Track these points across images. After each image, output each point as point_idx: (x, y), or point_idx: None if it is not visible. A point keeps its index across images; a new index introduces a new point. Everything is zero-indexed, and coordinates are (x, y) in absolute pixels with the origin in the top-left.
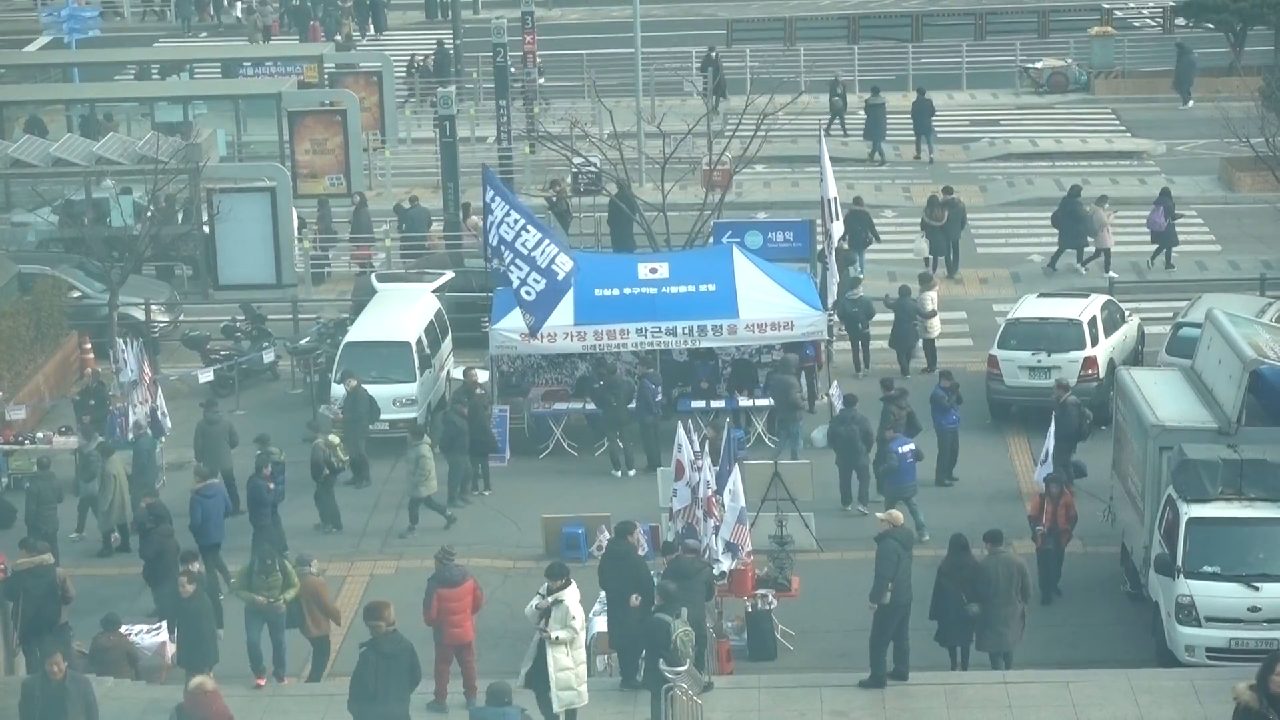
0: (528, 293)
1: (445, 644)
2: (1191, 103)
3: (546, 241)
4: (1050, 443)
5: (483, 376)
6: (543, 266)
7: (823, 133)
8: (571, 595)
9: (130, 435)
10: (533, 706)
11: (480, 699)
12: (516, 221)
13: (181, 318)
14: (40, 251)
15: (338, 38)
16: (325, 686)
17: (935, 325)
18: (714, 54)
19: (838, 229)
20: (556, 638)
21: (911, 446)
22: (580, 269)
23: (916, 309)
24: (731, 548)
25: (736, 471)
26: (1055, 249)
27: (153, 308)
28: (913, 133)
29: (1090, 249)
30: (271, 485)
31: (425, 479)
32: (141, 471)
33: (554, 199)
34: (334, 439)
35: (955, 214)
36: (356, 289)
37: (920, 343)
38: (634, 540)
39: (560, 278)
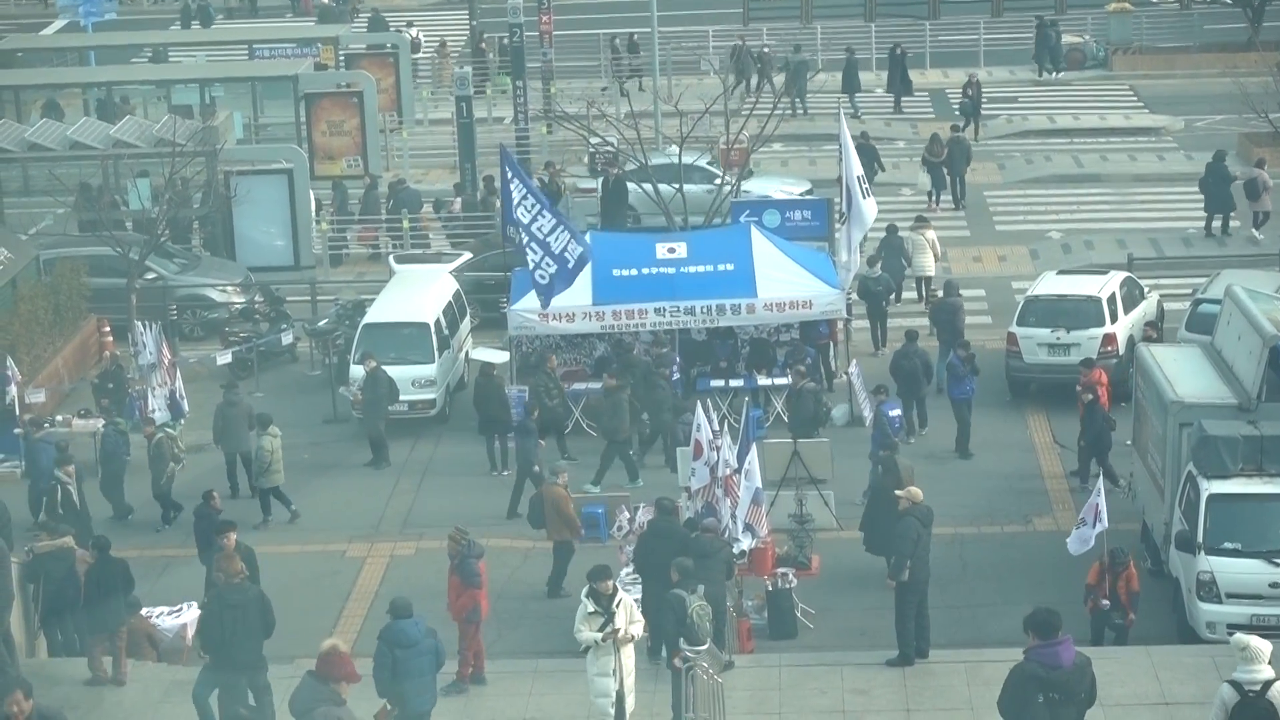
0: (541, 276)
1: (481, 619)
2: (1058, 74)
3: (561, 228)
4: (1099, 498)
5: (501, 357)
6: (555, 252)
7: (842, 112)
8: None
9: (149, 418)
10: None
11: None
12: (533, 205)
13: (258, 299)
14: (66, 235)
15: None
16: None
17: (929, 264)
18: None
19: (871, 207)
20: (632, 635)
21: (900, 411)
22: (598, 249)
23: (900, 247)
24: (749, 527)
25: (753, 452)
26: (1206, 216)
27: (227, 288)
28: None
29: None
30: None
31: (268, 470)
32: (41, 475)
33: (546, 179)
34: (173, 430)
35: (960, 151)
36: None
37: (915, 281)
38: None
39: (570, 265)
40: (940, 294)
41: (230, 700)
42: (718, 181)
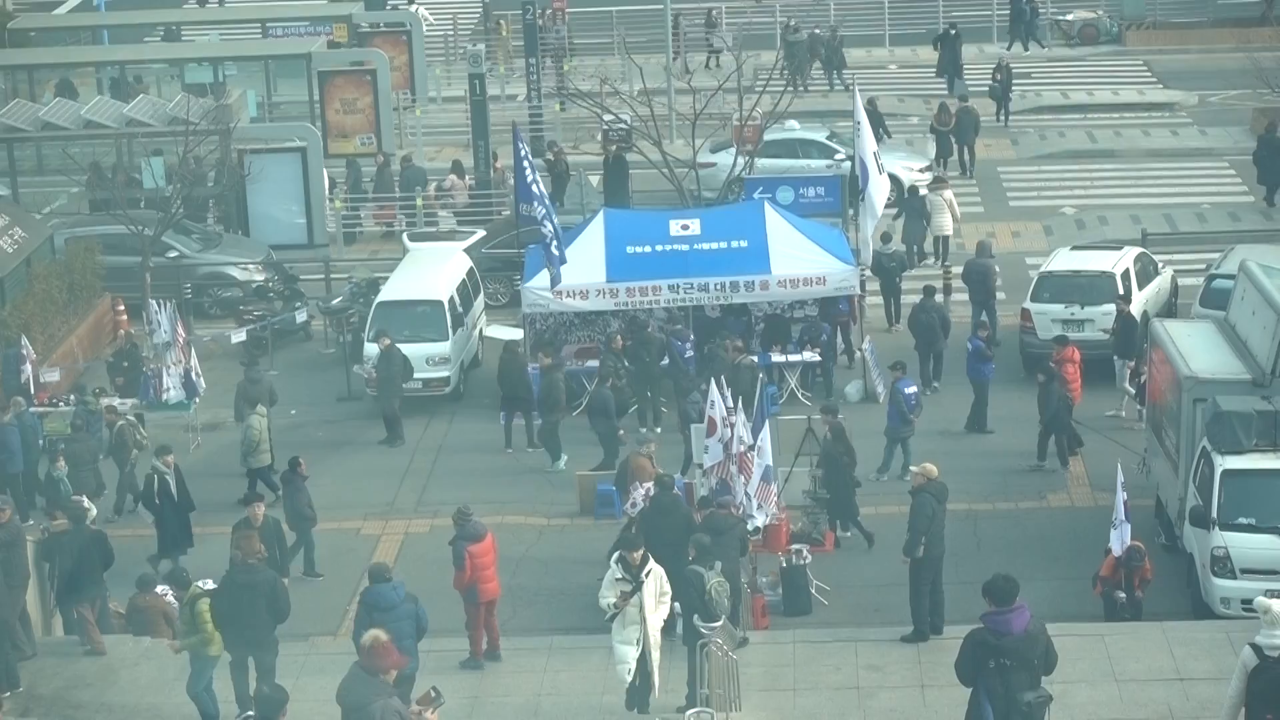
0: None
1: (481, 601)
2: (1027, 49)
3: (547, 219)
4: (1122, 495)
5: (516, 334)
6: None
7: (856, 89)
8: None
9: (164, 397)
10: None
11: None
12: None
13: (272, 277)
14: (85, 214)
15: None
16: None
17: (946, 224)
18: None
19: (884, 184)
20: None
21: (915, 388)
22: (611, 226)
23: (920, 208)
24: (759, 504)
25: (766, 429)
26: (1267, 189)
27: (249, 266)
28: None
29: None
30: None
31: (254, 450)
32: (29, 448)
33: (552, 159)
34: (133, 418)
35: (969, 120)
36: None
37: (933, 240)
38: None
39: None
40: (951, 266)
41: (239, 678)
42: (838, 157)
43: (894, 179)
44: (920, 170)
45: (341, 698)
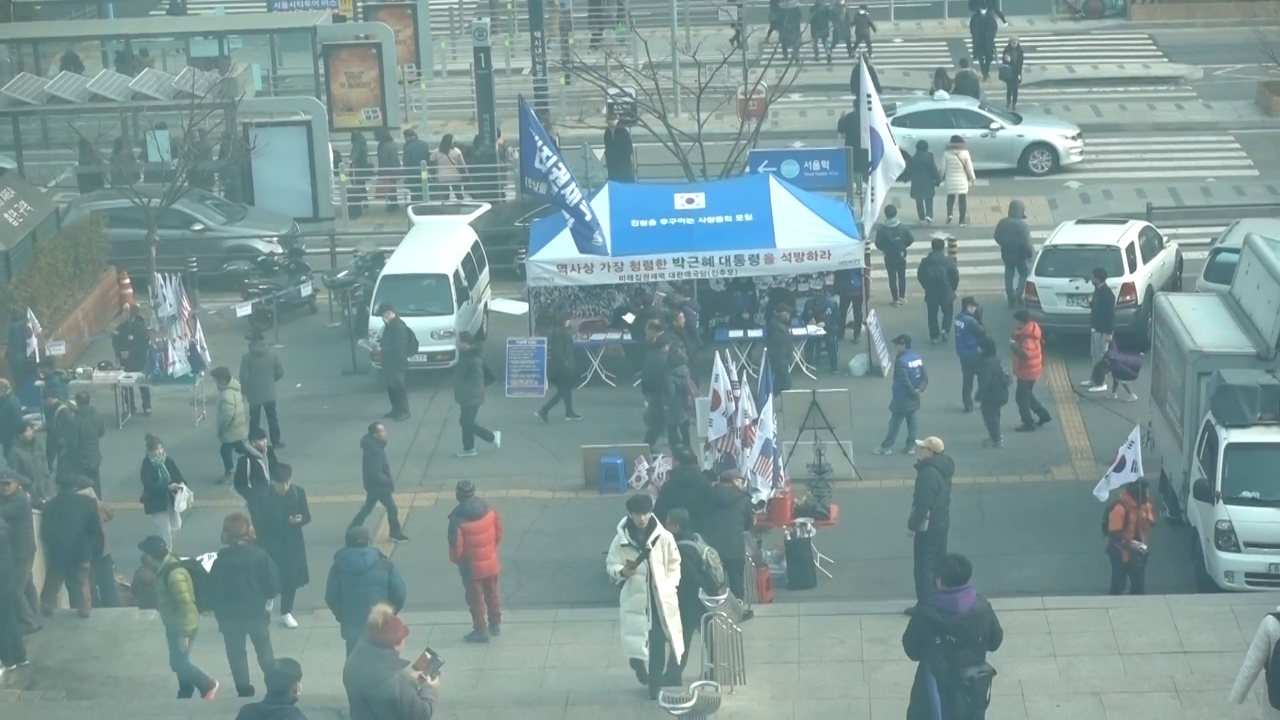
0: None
1: (476, 578)
2: (1005, 23)
3: (573, 183)
4: (1127, 450)
5: (520, 308)
6: (571, 205)
7: (863, 61)
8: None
9: (170, 370)
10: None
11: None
12: (548, 158)
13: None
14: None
15: None
16: None
17: (961, 182)
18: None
19: (897, 156)
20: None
21: (920, 362)
22: (616, 200)
23: (929, 163)
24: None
25: (769, 403)
26: None
27: (274, 239)
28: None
29: None
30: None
31: (229, 424)
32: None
33: None
34: (73, 401)
35: (969, 86)
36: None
37: (947, 199)
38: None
39: (587, 219)
40: (951, 237)
41: (235, 650)
42: (994, 126)
43: (1048, 146)
44: (1073, 138)
45: (353, 675)
